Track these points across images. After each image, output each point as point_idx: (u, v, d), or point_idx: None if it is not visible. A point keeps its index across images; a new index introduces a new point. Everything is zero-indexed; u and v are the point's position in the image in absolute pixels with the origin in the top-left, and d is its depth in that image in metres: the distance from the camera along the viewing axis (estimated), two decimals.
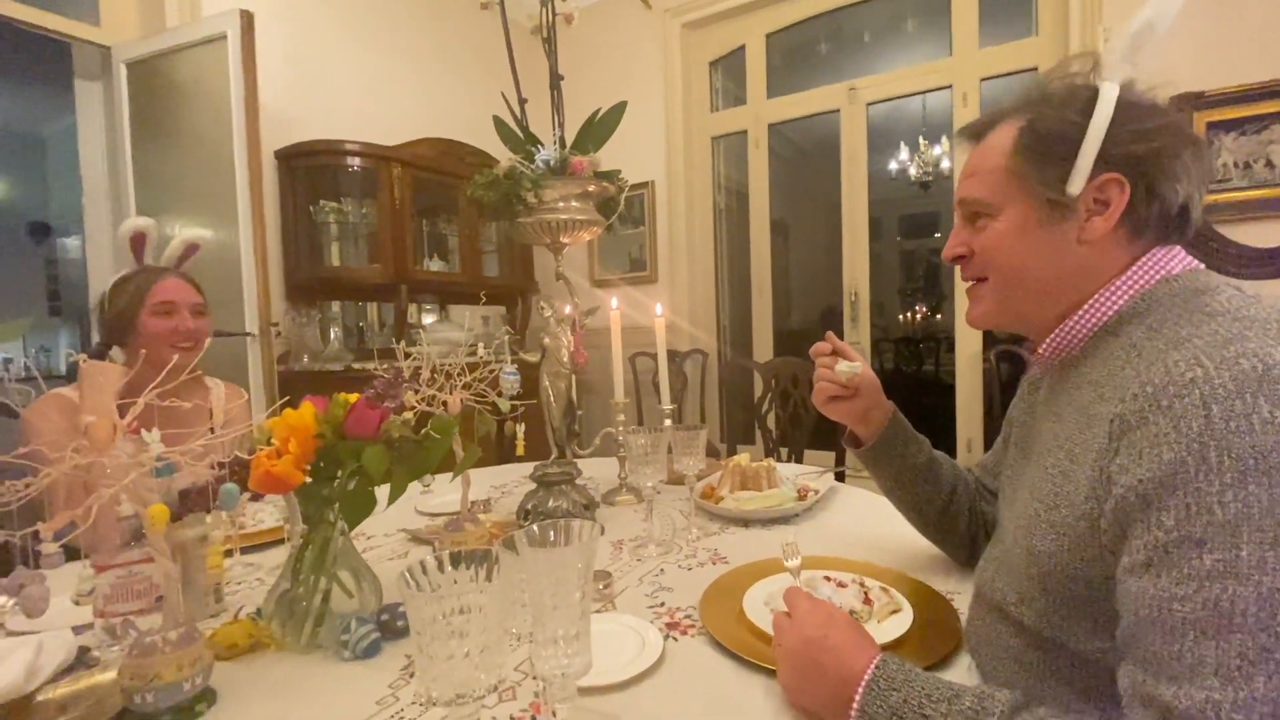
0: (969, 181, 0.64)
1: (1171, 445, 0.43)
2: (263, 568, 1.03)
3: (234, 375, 2.28)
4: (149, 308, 1.27)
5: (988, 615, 0.63)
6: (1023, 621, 0.57)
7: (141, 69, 2.47)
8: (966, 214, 0.65)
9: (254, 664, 0.73)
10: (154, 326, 1.27)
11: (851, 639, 0.58)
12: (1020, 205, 0.60)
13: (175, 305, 1.29)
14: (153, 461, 0.57)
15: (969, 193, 0.64)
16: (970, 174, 0.65)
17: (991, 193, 0.62)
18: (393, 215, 2.86)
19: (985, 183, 0.62)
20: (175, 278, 1.33)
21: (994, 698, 0.49)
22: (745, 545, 1.03)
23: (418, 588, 0.43)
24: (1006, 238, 0.61)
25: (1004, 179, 0.61)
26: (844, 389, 0.86)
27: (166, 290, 1.30)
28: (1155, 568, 0.43)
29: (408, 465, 0.78)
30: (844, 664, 0.55)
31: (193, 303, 1.33)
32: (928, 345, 6.25)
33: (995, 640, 0.61)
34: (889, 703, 0.51)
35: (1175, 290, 0.55)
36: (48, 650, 0.70)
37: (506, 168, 1.08)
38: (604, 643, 0.71)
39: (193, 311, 1.33)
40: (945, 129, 4.35)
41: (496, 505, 1.35)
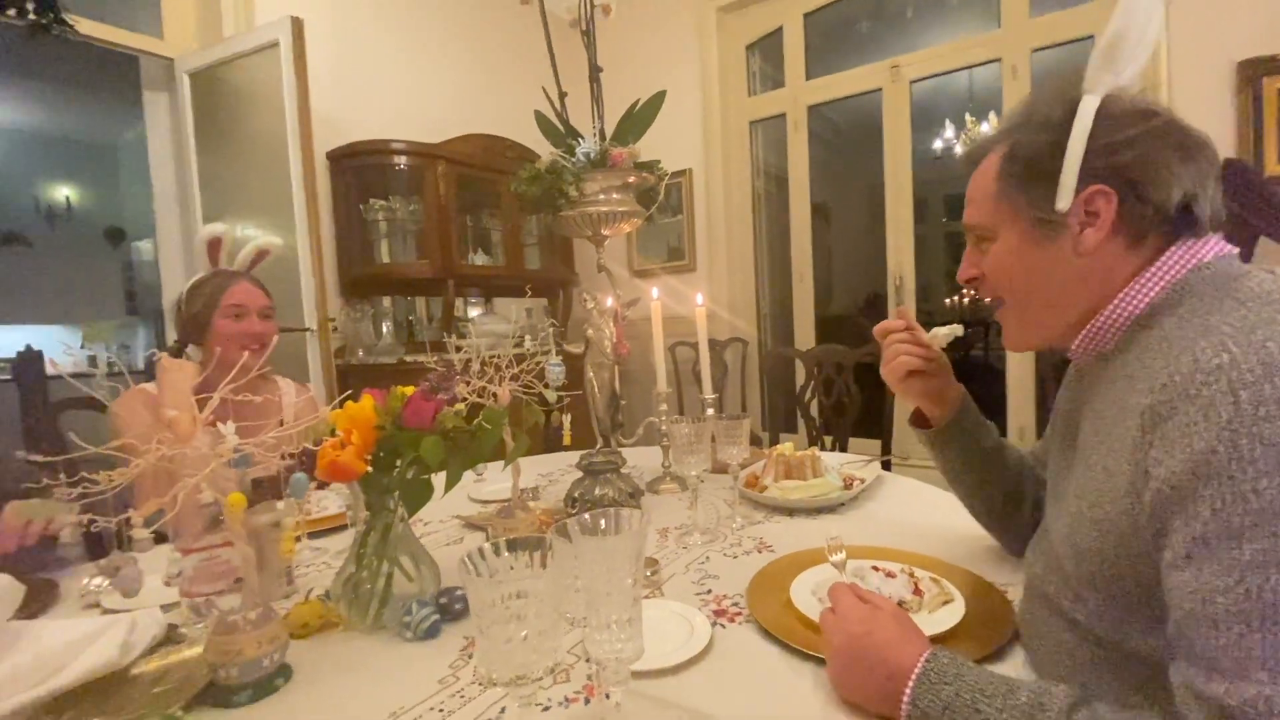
0: (969, 208, 0.68)
1: (1202, 435, 0.42)
2: (328, 551, 1.09)
3: (296, 369, 2.40)
4: (221, 310, 1.35)
5: (1040, 610, 0.62)
6: (1076, 619, 0.56)
7: (202, 78, 2.59)
8: (972, 238, 0.69)
9: (324, 643, 0.77)
10: (226, 328, 1.35)
11: (899, 633, 0.58)
12: (1013, 227, 0.63)
13: (245, 309, 1.37)
14: (229, 453, 0.61)
15: (969, 219, 0.68)
16: (969, 201, 0.68)
17: (986, 218, 0.65)
18: (438, 211, 2.93)
19: (981, 209, 0.66)
20: (246, 282, 1.40)
21: (1051, 693, 0.48)
22: (790, 534, 1.04)
23: (477, 573, 0.46)
24: (1006, 258, 0.64)
25: (995, 204, 0.64)
26: (928, 363, 0.85)
27: (238, 294, 1.37)
28: (1196, 561, 0.43)
29: (462, 455, 0.81)
30: (892, 659, 0.55)
31: (261, 306, 1.41)
32: (976, 330, 6.05)
33: (1048, 635, 0.60)
34: (941, 697, 0.51)
35: (1207, 278, 0.54)
36: (140, 627, 0.76)
37: (548, 162, 1.09)
38: (652, 628, 0.72)
39: (261, 314, 1.40)
40: (994, 105, 4.17)
41: (544, 493, 1.38)
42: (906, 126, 3.07)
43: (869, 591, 0.65)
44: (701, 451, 1.01)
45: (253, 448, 0.64)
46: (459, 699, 0.63)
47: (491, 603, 0.45)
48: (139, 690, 0.68)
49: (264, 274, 1.50)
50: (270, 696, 0.66)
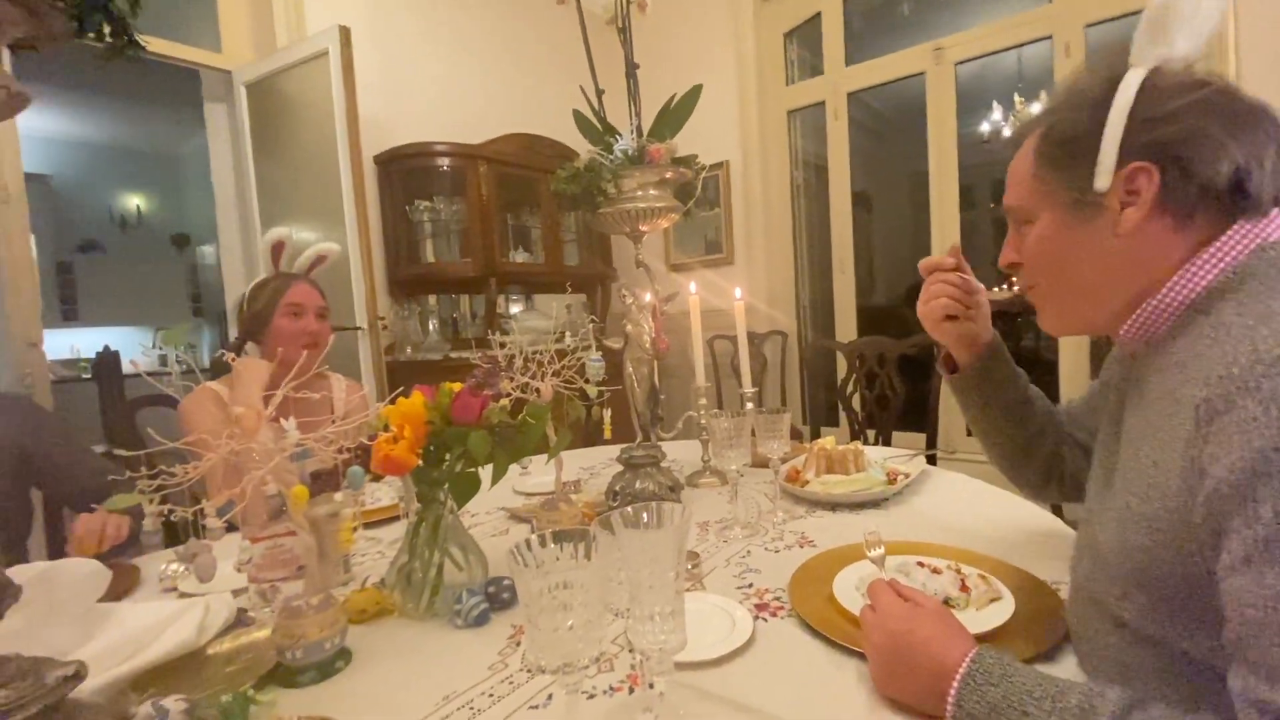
0: (1009, 191, 0.67)
1: (1262, 431, 0.40)
2: (382, 541, 1.14)
3: (348, 366, 2.49)
4: (281, 309, 1.42)
5: (1087, 610, 0.61)
6: (1124, 618, 0.54)
7: (258, 89, 2.70)
8: (1012, 221, 0.67)
9: (381, 628, 0.81)
10: (285, 326, 1.42)
11: (942, 631, 0.57)
12: (1051, 209, 0.61)
13: (303, 308, 1.45)
14: (291, 447, 0.65)
15: (1008, 200, 0.66)
16: (1009, 183, 0.66)
17: (1024, 200, 0.64)
18: (480, 211, 2.99)
19: (1019, 191, 0.64)
20: (305, 283, 1.48)
21: (1104, 696, 0.46)
22: (833, 529, 1.03)
23: (525, 564, 0.47)
24: (1045, 242, 0.62)
25: (1032, 186, 0.62)
26: (965, 308, 0.85)
27: (297, 294, 1.45)
28: (1256, 564, 0.41)
29: (507, 449, 0.84)
30: (935, 657, 0.55)
31: (318, 306, 1.49)
32: (1027, 319, 5.84)
33: (1095, 637, 0.59)
34: (987, 698, 0.50)
35: (1272, 259, 0.50)
36: (213, 610, 0.81)
37: (587, 160, 1.11)
38: (694, 621, 0.73)
39: (317, 314, 1.48)
40: (1044, 84, 4.00)
41: (586, 486, 1.41)
42: (951, 110, 2.98)
43: (910, 588, 0.65)
44: (741, 446, 1.01)
45: (312, 442, 0.68)
46: (508, 685, 0.65)
47: (539, 592, 0.46)
48: (213, 669, 0.73)
49: (319, 276, 1.58)
50: (332, 678, 0.70)
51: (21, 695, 0.43)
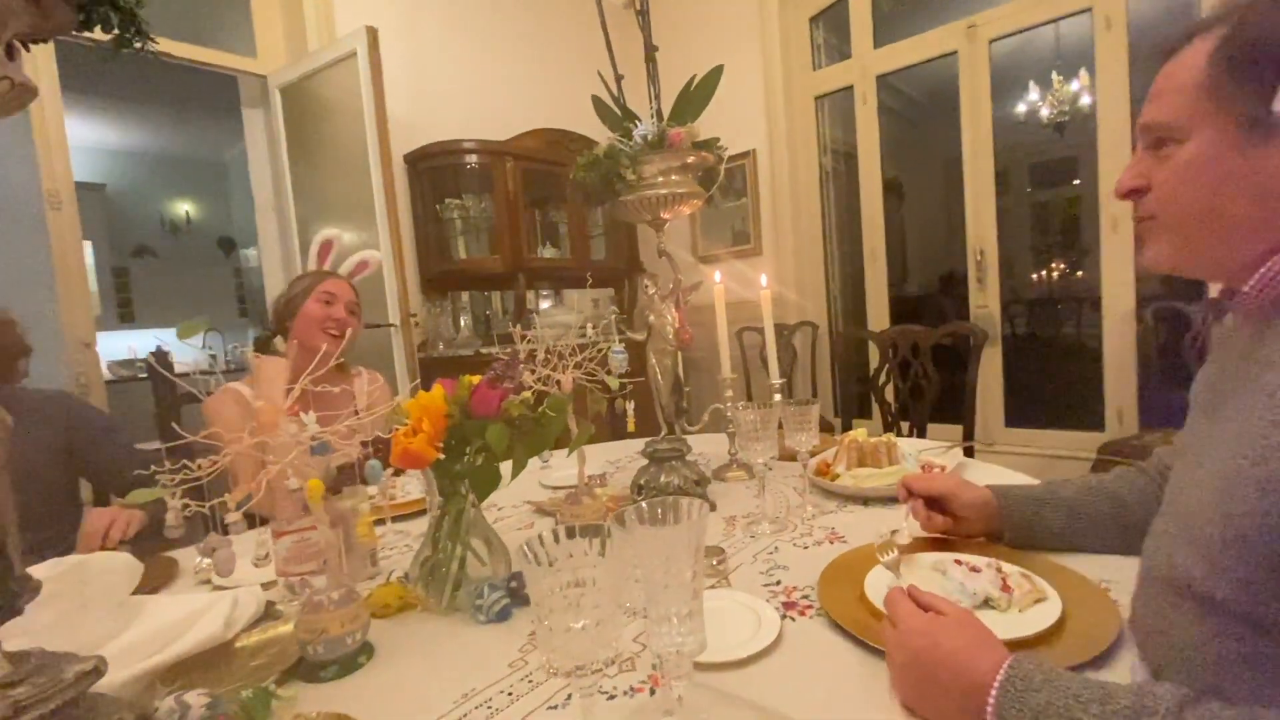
0: (1154, 104, 0.57)
1: None
2: (411, 534, 1.14)
3: (381, 363, 2.52)
4: (315, 295, 1.47)
5: (1161, 598, 0.56)
6: (1214, 597, 0.49)
7: (292, 92, 2.75)
8: (1149, 141, 0.58)
9: (404, 623, 0.81)
10: (313, 311, 1.47)
11: (970, 640, 0.53)
12: (1214, 127, 0.52)
13: (335, 297, 1.50)
14: (309, 440, 0.65)
15: (1152, 116, 0.57)
16: (1155, 95, 0.57)
17: (1179, 114, 0.54)
18: (508, 207, 3.01)
19: (1172, 103, 0.55)
20: (339, 279, 1.54)
21: (1155, 695, 0.43)
22: (865, 525, 1.00)
23: (536, 561, 0.46)
24: (1195, 166, 0.53)
25: (1195, 97, 0.53)
26: (947, 531, 0.86)
27: (332, 285, 1.51)
28: None
29: (527, 442, 0.83)
30: (965, 671, 0.51)
31: (349, 299, 1.53)
32: (1068, 306, 5.64)
33: (1170, 630, 0.54)
34: (1030, 705, 0.46)
35: None
36: (242, 604, 0.82)
37: (606, 147, 1.09)
38: (719, 619, 0.71)
39: (348, 307, 1.52)
40: (1084, 60, 3.83)
41: (611, 480, 1.39)
42: (986, 91, 2.87)
43: (931, 595, 0.60)
44: (768, 438, 0.98)
45: (330, 435, 0.67)
46: (527, 683, 0.64)
47: (550, 590, 0.45)
48: (239, 663, 0.73)
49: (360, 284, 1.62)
50: (355, 673, 0.69)
51: (40, 691, 0.43)
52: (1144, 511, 0.77)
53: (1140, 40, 2.49)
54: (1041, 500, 0.82)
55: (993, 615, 0.67)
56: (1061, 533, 0.81)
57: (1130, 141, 2.53)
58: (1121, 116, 2.53)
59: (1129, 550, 0.78)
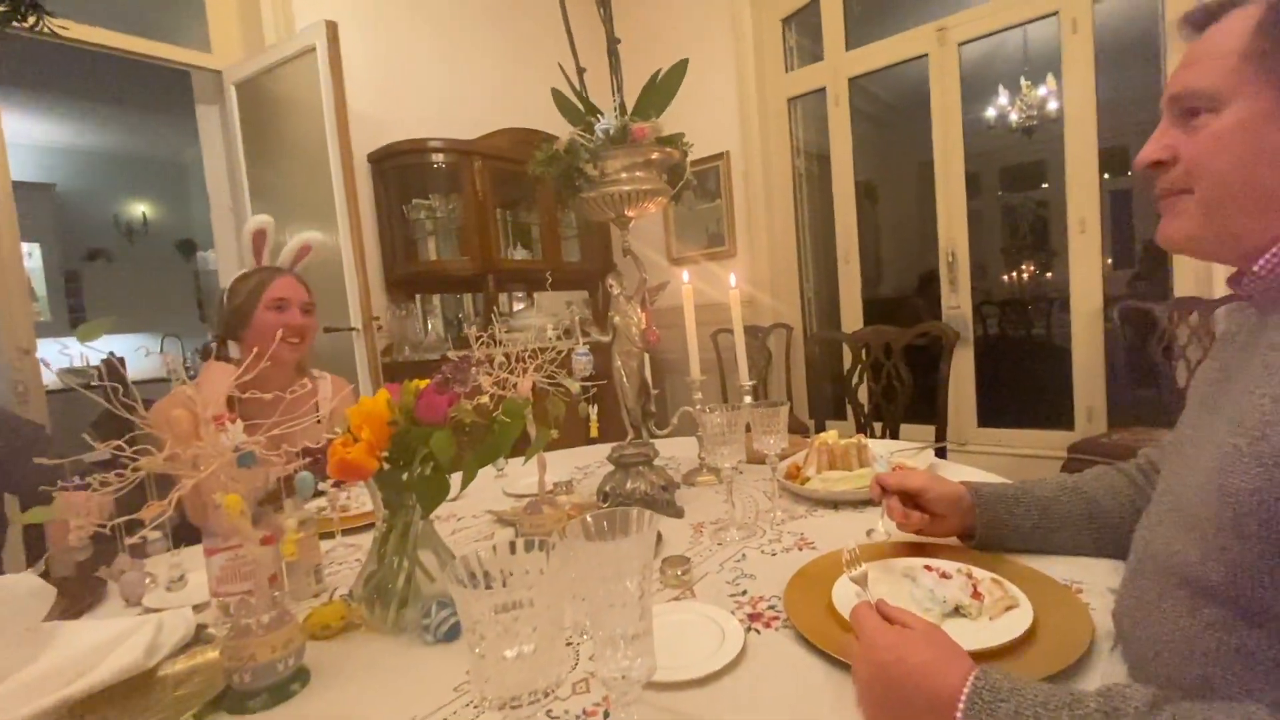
0: (1188, 71, 0.54)
1: None
2: (362, 548, 1.08)
3: (343, 368, 2.44)
4: (265, 303, 1.37)
5: (1152, 588, 0.54)
6: (1208, 582, 0.48)
7: (248, 89, 2.65)
8: (1178, 111, 0.55)
9: (346, 644, 0.75)
10: (267, 320, 1.37)
11: (936, 654, 0.50)
12: (1256, 95, 0.50)
13: (288, 301, 1.39)
14: (229, 452, 0.59)
15: (1187, 83, 0.54)
16: (1190, 63, 0.55)
17: (1218, 80, 0.52)
18: (477, 208, 2.94)
19: (1210, 70, 0.52)
20: (289, 276, 1.43)
21: (1124, 695, 0.42)
22: (834, 529, 0.97)
23: (464, 582, 0.41)
24: (1232, 136, 0.51)
25: (1237, 64, 0.51)
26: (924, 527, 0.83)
27: (281, 287, 1.39)
28: None
29: (479, 450, 0.78)
30: (932, 686, 0.48)
31: (303, 300, 1.43)
32: (1038, 307, 5.75)
33: (1160, 621, 0.53)
34: (999, 715, 0.44)
35: None
36: (168, 628, 0.76)
37: (566, 142, 1.05)
38: (681, 634, 0.67)
39: (302, 309, 1.42)
40: (1051, 65, 3.90)
41: (579, 486, 1.34)
42: (956, 94, 2.89)
43: (898, 609, 0.57)
44: (735, 442, 0.95)
45: (254, 446, 0.62)
46: (473, 710, 0.59)
47: (482, 615, 0.41)
48: (161, 694, 0.67)
49: (309, 276, 1.52)
50: (286, 702, 0.64)
51: None
52: (1118, 512, 0.75)
53: (1107, 44, 2.52)
54: (1015, 498, 0.80)
55: (963, 623, 0.65)
56: (1033, 531, 0.79)
57: (1095, 145, 2.56)
58: (1088, 119, 2.56)
59: (1100, 551, 0.77)
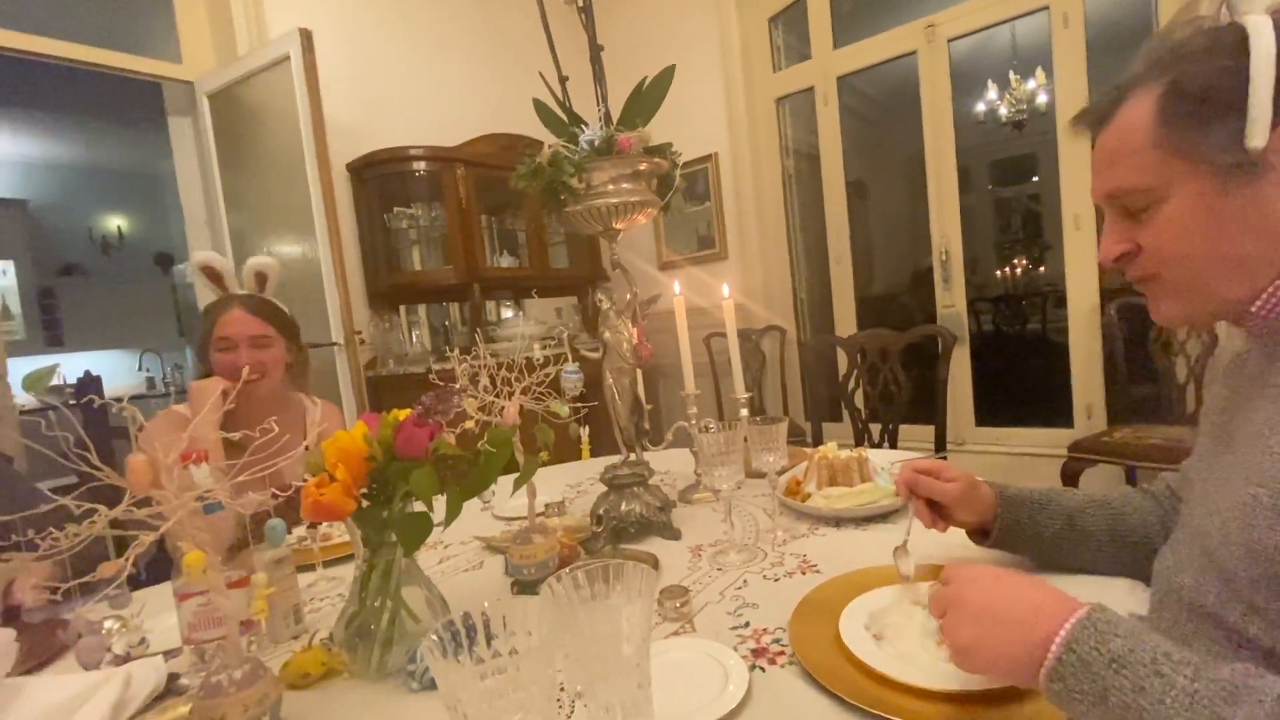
0: (1112, 171, 0.56)
1: None
2: (345, 581, 1.04)
3: (325, 384, 2.39)
4: (214, 343, 1.31)
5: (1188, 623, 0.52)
6: (1247, 634, 0.46)
7: (221, 99, 2.60)
8: (1120, 208, 0.57)
9: (326, 693, 0.71)
10: (218, 361, 1.32)
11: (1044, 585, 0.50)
12: (1193, 179, 0.51)
13: (232, 341, 1.32)
14: (192, 501, 0.55)
15: (1119, 183, 0.55)
16: (1109, 163, 0.56)
17: (1148, 177, 0.53)
18: (460, 216, 2.89)
19: (1136, 166, 0.54)
20: (239, 308, 1.35)
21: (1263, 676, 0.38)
22: (838, 549, 0.93)
23: (444, 654, 0.37)
24: (1185, 219, 0.52)
25: (1159, 156, 0.52)
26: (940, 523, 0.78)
27: (227, 325, 1.33)
28: None
29: (463, 484, 0.74)
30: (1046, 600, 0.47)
31: (250, 335, 1.34)
32: (1032, 302, 5.74)
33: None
34: (1109, 647, 0.41)
35: None
36: (137, 680, 0.71)
37: (549, 154, 1.01)
38: (681, 675, 0.63)
39: (252, 344, 1.33)
40: (1040, 59, 3.89)
41: (571, 506, 1.30)
42: (946, 90, 2.87)
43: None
44: (734, 463, 0.91)
45: (222, 494, 0.58)
46: None
47: (464, 683, 0.36)
48: None
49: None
50: None
51: None
52: (1143, 533, 0.72)
53: (1098, 37, 2.51)
54: (1040, 503, 0.76)
55: None
56: (1055, 540, 0.75)
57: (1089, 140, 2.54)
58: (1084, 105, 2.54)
59: (1118, 570, 0.74)
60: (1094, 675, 0.41)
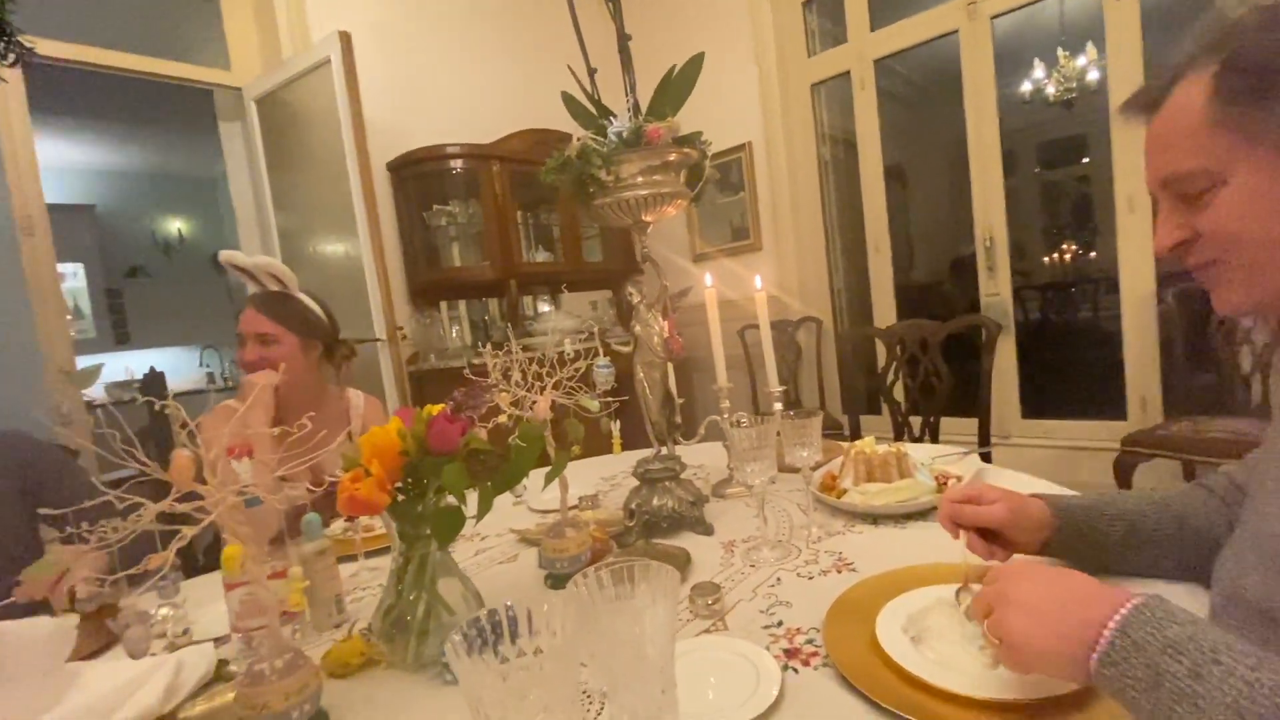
0: (1166, 156, 0.54)
1: None
2: (386, 572, 1.05)
3: (368, 379, 2.45)
4: (236, 340, 1.37)
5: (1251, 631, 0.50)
6: None
7: (267, 104, 2.68)
8: (1176, 195, 0.54)
9: (365, 682, 0.73)
10: (237, 356, 1.37)
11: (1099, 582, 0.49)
12: (1253, 157, 0.49)
13: (243, 336, 1.36)
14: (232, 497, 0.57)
15: (1174, 167, 0.53)
16: (1163, 147, 0.54)
17: (1206, 160, 0.51)
18: (496, 212, 2.92)
19: (1192, 149, 0.51)
20: (250, 306, 1.38)
21: None
22: (876, 548, 0.91)
23: (468, 652, 0.37)
24: (1249, 202, 0.50)
25: (1217, 137, 0.50)
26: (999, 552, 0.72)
27: (241, 322, 1.37)
28: None
29: (495, 478, 0.74)
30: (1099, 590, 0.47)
31: (257, 333, 1.35)
32: (1082, 289, 5.50)
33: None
34: (1165, 634, 0.40)
35: None
36: (188, 667, 0.74)
37: (577, 147, 1.00)
38: (712, 675, 0.63)
39: (259, 341, 1.35)
40: (1091, 34, 3.70)
41: (605, 499, 1.31)
42: (989, 70, 2.76)
43: None
44: (766, 458, 0.90)
45: (258, 489, 0.59)
46: None
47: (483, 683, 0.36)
48: None
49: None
50: None
51: None
52: (1209, 533, 0.68)
53: (1153, 8, 2.37)
54: (1098, 510, 0.72)
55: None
56: (1118, 546, 0.71)
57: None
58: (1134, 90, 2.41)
59: (1181, 574, 0.70)
60: (1148, 660, 0.40)
